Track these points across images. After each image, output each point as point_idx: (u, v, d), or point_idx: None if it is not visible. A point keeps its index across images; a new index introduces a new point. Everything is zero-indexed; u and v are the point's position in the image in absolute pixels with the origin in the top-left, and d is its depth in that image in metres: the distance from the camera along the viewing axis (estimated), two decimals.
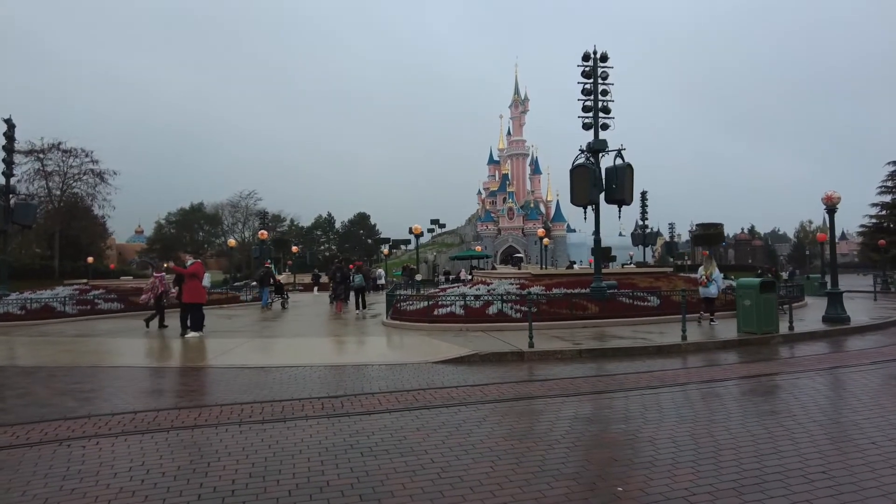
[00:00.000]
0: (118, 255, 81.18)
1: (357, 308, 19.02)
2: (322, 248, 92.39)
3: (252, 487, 4.18)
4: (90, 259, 49.94)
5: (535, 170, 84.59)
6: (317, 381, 8.15)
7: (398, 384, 7.83)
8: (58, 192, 53.79)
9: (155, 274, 16.14)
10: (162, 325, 15.09)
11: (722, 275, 15.41)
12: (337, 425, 5.81)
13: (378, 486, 4.18)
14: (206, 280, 13.60)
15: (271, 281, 23.56)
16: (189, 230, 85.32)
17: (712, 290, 14.35)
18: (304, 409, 6.52)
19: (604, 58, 15.88)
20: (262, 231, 31.69)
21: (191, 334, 13.07)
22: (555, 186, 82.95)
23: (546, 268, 41.84)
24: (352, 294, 20.23)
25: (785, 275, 33.18)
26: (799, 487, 4.03)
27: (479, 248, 65.50)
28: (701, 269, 15.17)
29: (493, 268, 49.12)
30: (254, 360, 10.05)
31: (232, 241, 38.60)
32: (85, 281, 24.45)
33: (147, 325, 15.05)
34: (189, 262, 13.92)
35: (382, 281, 32.39)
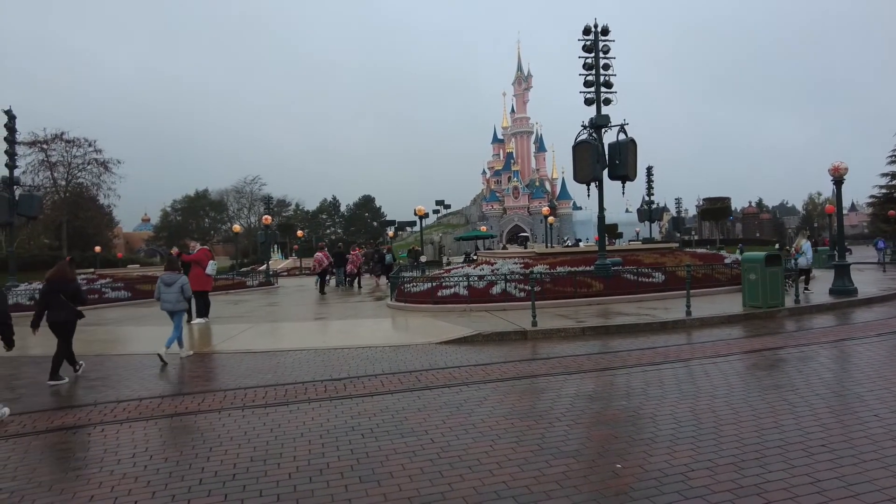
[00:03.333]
0: (125, 244, 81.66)
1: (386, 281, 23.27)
2: (328, 231, 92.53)
3: (253, 471, 4.22)
4: (97, 248, 50.24)
5: (540, 147, 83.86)
6: (320, 364, 8.19)
7: (401, 366, 7.86)
8: (63, 183, 54.01)
9: (318, 253, 21.81)
10: (322, 292, 20.47)
11: (809, 244, 16.30)
12: (339, 408, 5.85)
13: (378, 467, 4.21)
14: (211, 267, 13.61)
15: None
16: (195, 217, 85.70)
17: (801, 262, 15.47)
18: (306, 392, 6.56)
19: (605, 31, 15.59)
20: (267, 216, 31.67)
21: (196, 321, 13.16)
22: (560, 164, 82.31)
23: (553, 246, 41.76)
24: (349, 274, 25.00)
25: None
26: (799, 461, 4.02)
27: (484, 228, 65.41)
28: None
29: (505, 247, 49.13)
30: (258, 345, 10.11)
31: (237, 227, 38.66)
32: (92, 270, 24.68)
33: (322, 292, 20.65)
34: (195, 249, 13.93)
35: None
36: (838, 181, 14.69)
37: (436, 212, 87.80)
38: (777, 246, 45.46)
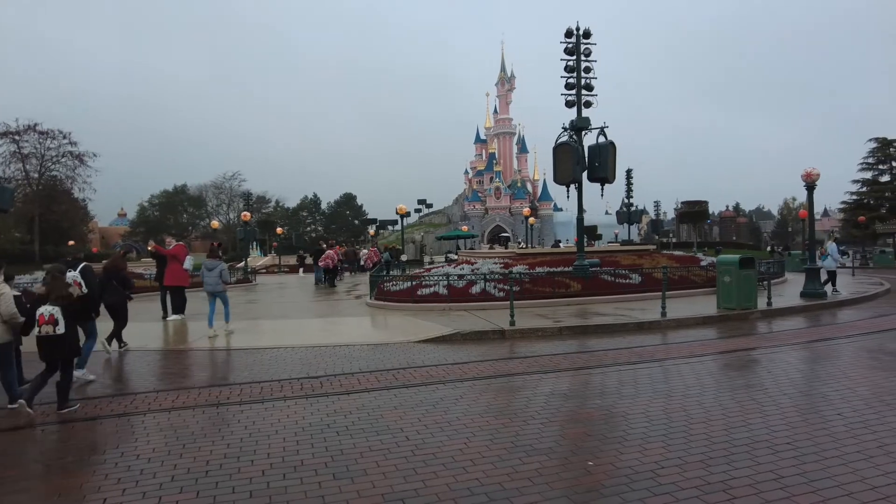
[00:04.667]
0: (101, 239, 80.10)
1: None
2: (308, 229, 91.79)
3: (226, 468, 4.19)
4: (71, 242, 49.22)
5: (522, 148, 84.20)
6: (297, 362, 8.15)
7: (378, 364, 7.86)
8: (35, 175, 52.79)
9: (330, 250, 23.83)
10: (332, 285, 22.66)
11: (835, 246, 17.26)
12: (315, 405, 5.83)
13: (352, 464, 4.21)
14: (189, 263, 13.45)
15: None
16: (173, 212, 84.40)
17: (827, 263, 16.36)
18: (282, 390, 6.52)
19: (587, 34, 15.73)
20: (246, 213, 31.35)
21: (172, 317, 12.98)
22: (542, 165, 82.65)
23: (533, 246, 42.01)
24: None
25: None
26: (765, 458, 4.13)
27: (465, 227, 65.49)
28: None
29: (493, 247, 49.37)
30: (237, 342, 10.02)
31: (215, 223, 38.20)
32: None
33: (333, 285, 22.80)
34: (171, 246, 13.75)
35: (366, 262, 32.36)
36: (810, 187, 15.02)
37: (417, 211, 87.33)
38: (770, 249, 46.47)
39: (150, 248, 13.88)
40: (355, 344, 9.49)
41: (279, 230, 53.90)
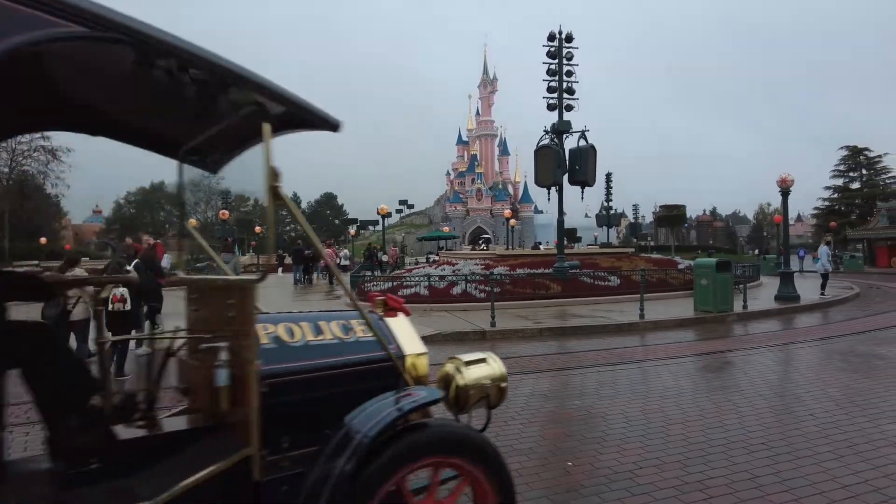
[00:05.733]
0: (74, 237, 78.43)
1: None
2: (288, 228, 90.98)
3: None
4: (43, 240, 48.11)
5: (504, 151, 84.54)
6: None
7: None
8: (6, 170, 51.41)
9: (327, 249, 24.06)
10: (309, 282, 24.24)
11: (827, 251, 17.56)
12: None
13: None
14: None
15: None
16: (150, 210, 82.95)
17: (817, 266, 16.88)
18: None
19: (569, 38, 15.88)
20: (224, 211, 30.96)
21: None
22: (523, 167, 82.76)
23: (513, 248, 42.21)
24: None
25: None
26: (740, 458, 4.19)
27: (447, 228, 65.55)
28: None
29: (474, 248, 49.51)
30: None
31: (193, 221, 37.64)
32: (36, 262, 23.60)
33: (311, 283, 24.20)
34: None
35: (347, 262, 32.22)
36: (785, 192, 15.35)
37: (399, 211, 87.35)
38: (757, 252, 47.46)
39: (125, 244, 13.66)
40: None
41: (258, 229, 53.36)
